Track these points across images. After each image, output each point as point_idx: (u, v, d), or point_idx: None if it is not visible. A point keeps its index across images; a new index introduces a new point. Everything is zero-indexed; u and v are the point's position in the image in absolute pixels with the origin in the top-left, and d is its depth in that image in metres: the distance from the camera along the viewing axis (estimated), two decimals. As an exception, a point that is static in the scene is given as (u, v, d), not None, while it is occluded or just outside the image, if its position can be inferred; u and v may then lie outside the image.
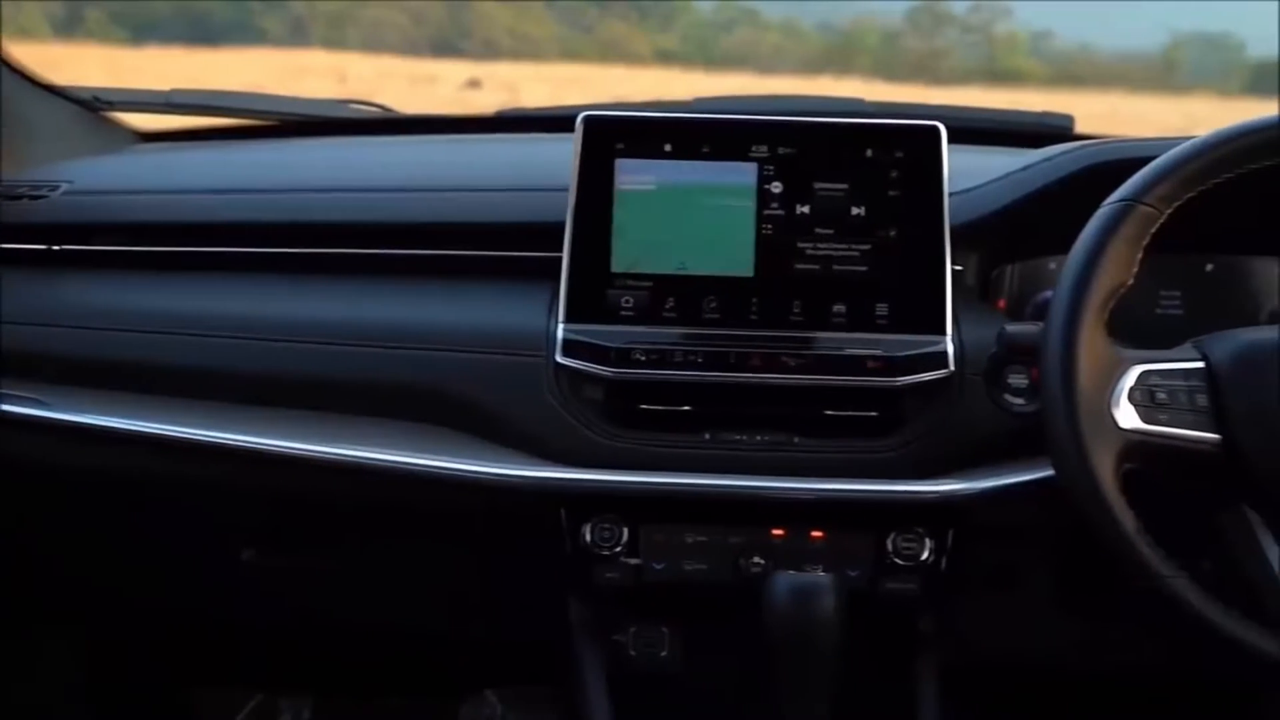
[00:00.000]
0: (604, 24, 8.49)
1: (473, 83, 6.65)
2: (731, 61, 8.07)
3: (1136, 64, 7.20)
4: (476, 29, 8.40)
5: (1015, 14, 7.92)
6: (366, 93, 1.93)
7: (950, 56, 7.84)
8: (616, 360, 1.21)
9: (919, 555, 1.24)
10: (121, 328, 1.31)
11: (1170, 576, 1.02)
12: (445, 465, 1.23)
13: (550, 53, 8.06)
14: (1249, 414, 1.04)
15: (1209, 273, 1.38)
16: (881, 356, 1.22)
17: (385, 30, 8.29)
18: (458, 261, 1.34)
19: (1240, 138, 1.07)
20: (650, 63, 8.01)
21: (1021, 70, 7.47)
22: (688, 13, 8.61)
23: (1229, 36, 7.15)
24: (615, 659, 1.31)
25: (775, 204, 1.25)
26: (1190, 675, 1.53)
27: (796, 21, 8.24)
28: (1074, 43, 7.73)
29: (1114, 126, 1.65)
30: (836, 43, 7.99)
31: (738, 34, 8.33)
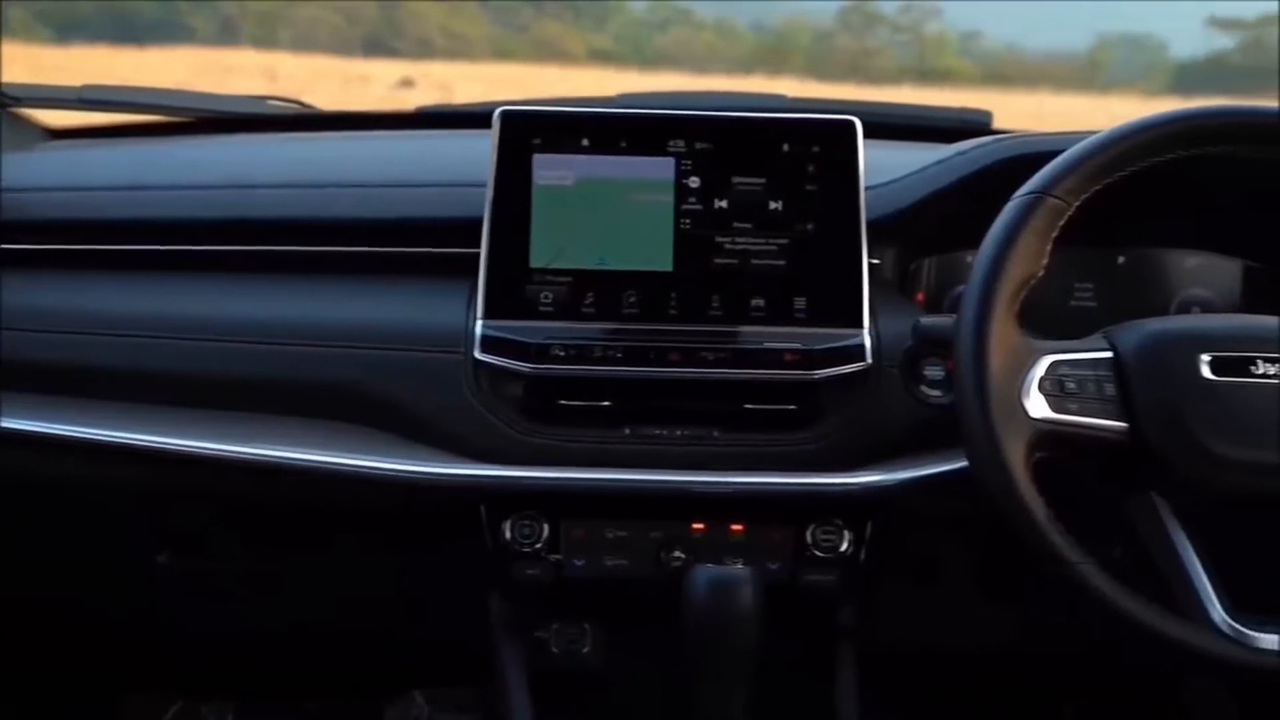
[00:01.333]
0: (538, 23, 8.47)
1: (406, 82, 6.59)
2: (666, 61, 8.09)
3: (1063, 64, 7.32)
4: (409, 28, 8.35)
5: (945, 14, 8.02)
6: (297, 92, 1.90)
7: (882, 56, 7.91)
8: (535, 356, 1.21)
9: (838, 547, 1.24)
10: (29, 327, 1.28)
11: (1079, 563, 1.03)
12: (363, 464, 1.22)
13: (484, 52, 8.02)
14: (1154, 402, 1.06)
15: (1121, 265, 1.40)
16: (799, 350, 1.22)
17: (317, 29, 8.21)
18: (376, 258, 1.33)
19: (1143, 132, 1.09)
20: (585, 62, 8.00)
21: (951, 69, 7.56)
22: (622, 12, 8.62)
23: (1152, 37, 7.29)
24: (537, 656, 1.30)
25: (693, 198, 1.25)
26: (1110, 662, 1.55)
27: (730, 21, 8.28)
28: (1002, 42, 7.84)
29: (1039, 125, 1.67)
30: (769, 42, 8.03)
31: (672, 33, 8.35)
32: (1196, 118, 1.09)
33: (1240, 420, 1.05)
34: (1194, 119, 1.09)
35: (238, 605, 1.47)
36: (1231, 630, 1.02)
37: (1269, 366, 1.06)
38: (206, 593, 1.44)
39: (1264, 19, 7.19)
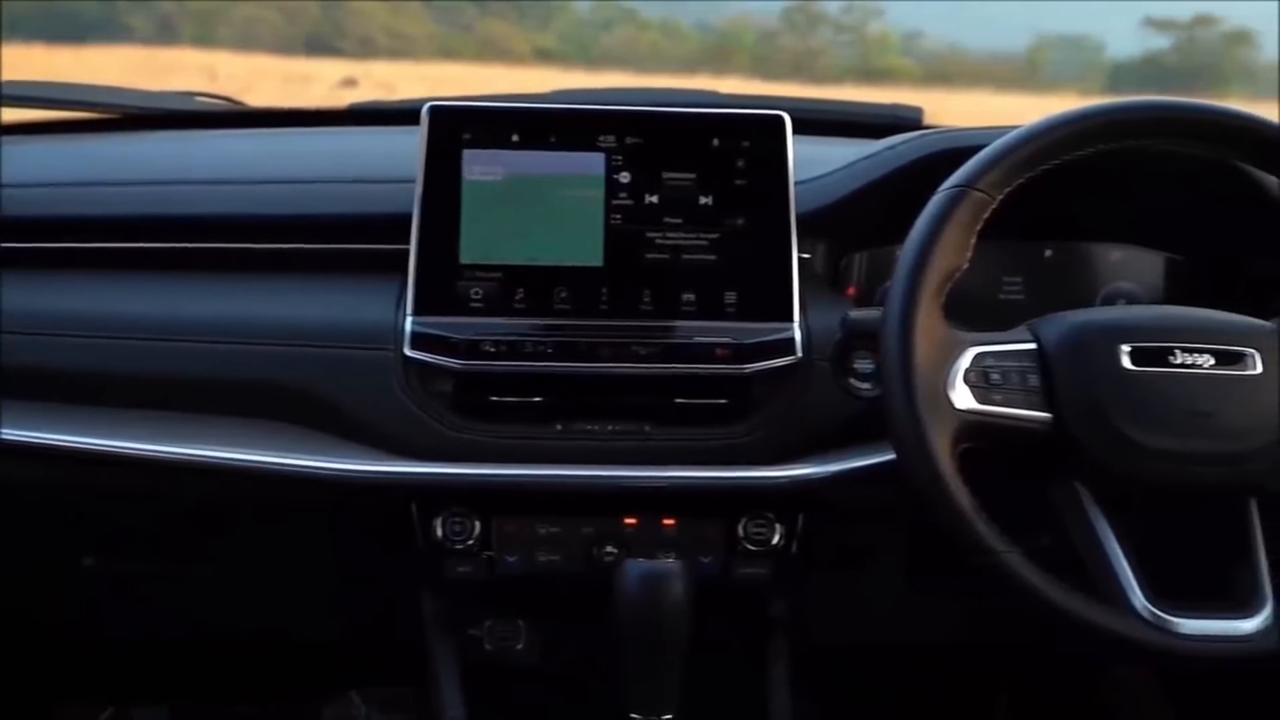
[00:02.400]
0: (482, 23, 8.44)
1: (348, 81, 6.54)
2: (610, 60, 8.09)
3: (1003, 63, 7.41)
4: (352, 27, 8.28)
5: (887, 14, 8.08)
6: (238, 91, 1.88)
7: (825, 56, 7.96)
8: (466, 352, 1.20)
9: (770, 540, 1.25)
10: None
11: (1003, 552, 1.04)
12: (292, 463, 1.21)
13: (428, 51, 7.97)
14: (1076, 392, 1.07)
15: (1048, 258, 1.42)
16: (730, 344, 1.23)
17: (257, 28, 8.12)
18: (306, 255, 1.32)
19: (1064, 126, 1.11)
20: (529, 61, 7.98)
21: (894, 69, 7.63)
22: (566, 12, 8.61)
23: (1089, 38, 7.40)
24: (471, 653, 1.30)
25: (624, 193, 1.25)
26: (1042, 652, 1.57)
27: (675, 21, 8.29)
28: (944, 42, 7.91)
29: (979, 124, 1.69)
30: (714, 42, 8.05)
31: (616, 33, 8.35)
32: (1115, 112, 1.11)
33: (1158, 409, 1.06)
34: (1112, 114, 1.11)
35: (168, 608, 1.45)
36: (1152, 616, 1.04)
37: (1186, 356, 1.08)
38: (136, 596, 1.42)
39: (1197, 19, 7.33)
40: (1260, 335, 1.10)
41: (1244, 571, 1.07)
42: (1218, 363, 1.08)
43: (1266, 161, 1.16)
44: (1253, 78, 7.21)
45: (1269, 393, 1.08)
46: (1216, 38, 7.49)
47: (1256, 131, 1.12)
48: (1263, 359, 1.08)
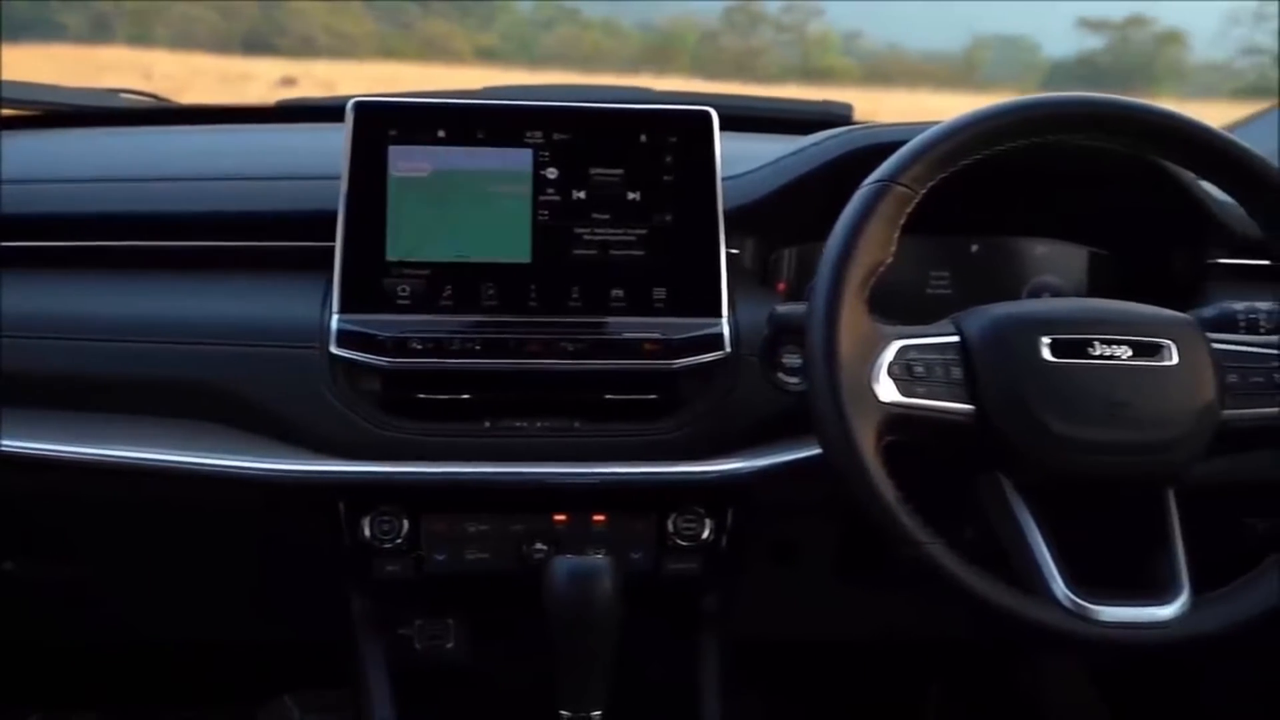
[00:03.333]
0: (424, 22, 8.38)
1: (287, 80, 6.47)
2: (552, 60, 8.08)
3: (941, 63, 7.48)
4: (291, 26, 8.20)
5: (827, 14, 8.12)
6: (174, 91, 1.86)
7: (766, 55, 8.00)
8: (393, 350, 1.19)
9: (699, 535, 1.25)
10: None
11: (927, 544, 1.04)
12: (218, 463, 1.19)
13: (369, 50, 7.91)
14: (997, 384, 1.08)
15: (974, 253, 1.44)
16: (659, 339, 1.23)
17: (195, 27, 8.01)
18: (230, 253, 1.30)
19: (984, 121, 1.11)
20: (471, 61, 7.94)
21: (834, 68, 7.67)
22: (508, 11, 8.57)
23: (1026, 38, 7.49)
24: (401, 653, 1.29)
25: (551, 189, 1.25)
26: (971, 643, 1.59)
27: (616, 21, 8.29)
28: (883, 42, 7.98)
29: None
30: (656, 42, 8.06)
31: (558, 32, 8.33)
32: (1031, 108, 1.12)
33: (1078, 400, 1.08)
34: (1028, 109, 1.12)
35: (93, 612, 1.43)
36: (1073, 605, 1.05)
37: (1105, 348, 1.09)
38: (59, 601, 1.40)
39: (1130, 20, 7.45)
40: (1176, 327, 1.12)
41: (1162, 559, 1.09)
42: (1135, 354, 1.09)
43: (1182, 157, 1.18)
44: (1183, 77, 7.35)
45: (1184, 383, 1.09)
46: (1148, 38, 7.62)
47: (1171, 127, 1.14)
48: (1179, 350, 1.10)
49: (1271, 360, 1.13)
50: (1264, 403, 1.12)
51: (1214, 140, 1.14)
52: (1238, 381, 1.11)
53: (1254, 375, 1.12)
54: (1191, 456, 1.10)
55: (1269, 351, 1.14)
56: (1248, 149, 1.14)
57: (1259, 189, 1.14)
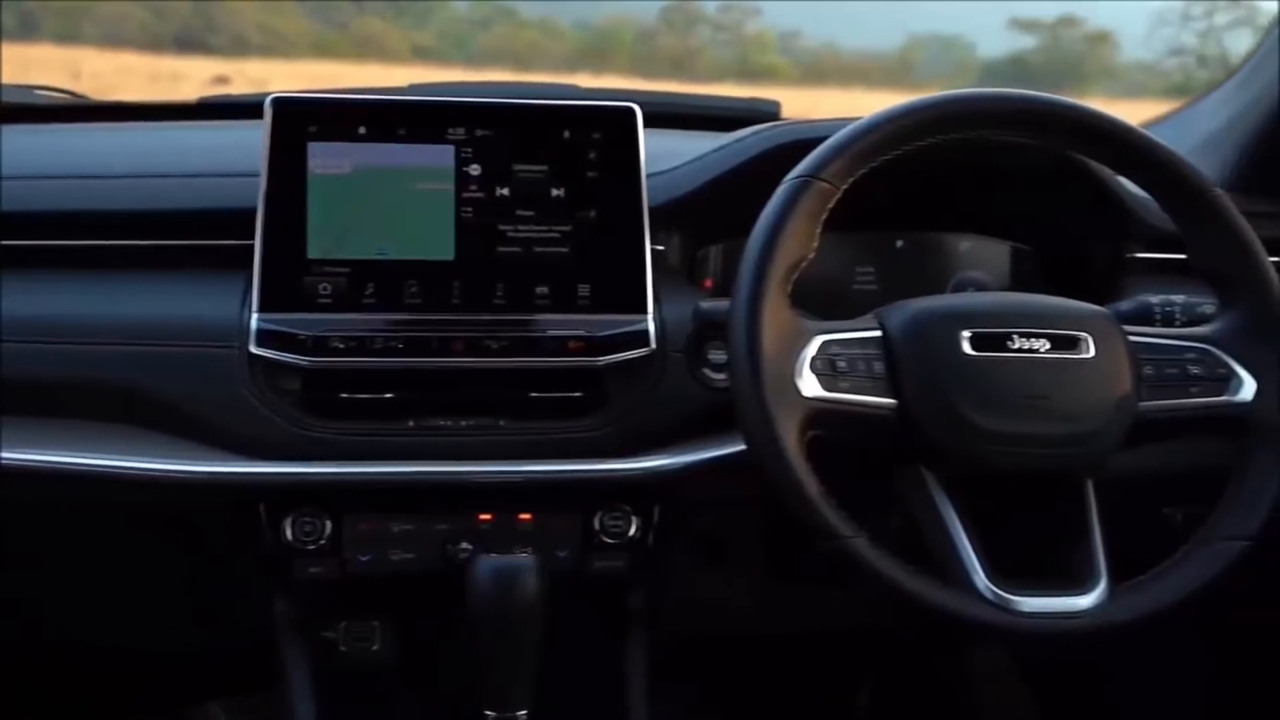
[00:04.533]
0: (359, 20, 8.29)
1: (220, 79, 6.37)
2: (489, 59, 8.03)
3: (877, 62, 7.54)
4: (223, 24, 8.08)
5: (764, 13, 8.16)
6: (102, 90, 1.82)
7: (704, 54, 8.01)
8: (314, 349, 1.18)
9: (626, 532, 1.25)
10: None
11: (850, 537, 1.05)
12: (134, 466, 1.17)
13: (303, 49, 7.82)
14: (919, 378, 1.09)
15: (900, 249, 1.45)
16: (584, 337, 1.22)
17: (124, 25, 7.88)
18: (147, 252, 1.28)
19: (905, 116, 1.12)
20: (407, 60, 7.88)
21: (772, 68, 7.70)
22: (444, 10, 8.51)
23: (961, 37, 7.57)
24: (324, 656, 1.27)
25: (474, 186, 1.24)
26: (901, 637, 1.60)
27: (553, 20, 8.25)
28: (820, 42, 8.02)
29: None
30: (593, 41, 8.04)
31: (495, 31, 8.28)
32: (953, 103, 1.13)
33: (997, 393, 1.08)
34: (950, 104, 1.13)
35: (10, 620, 1.39)
36: (994, 596, 1.05)
37: (1024, 341, 1.10)
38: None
39: (1061, 20, 7.56)
40: (1093, 320, 1.13)
41: (1081, 550, 1.10)
42: (1053, 347, 1.10)
43: (1100, 153, 1.20)
44: (1113, 76, 7.47)
45: (1101, 376, 1.11)
46: (1079, 38, 7.74)
47: (1089, 124, 1.15)
48: (1095, 343, 1.11)
49: (1186, 352, 1.14)
50: (1178, 394, 1.13)
51: (1131, 137, 1.16)
52: (1153, 373, 1.13)
53: (1168, 367, 1.13)
54: (1109, 448, 1.11)
55: (1183, 344, 1.15)
56: (1163, 146, 1.16)
57: (1173, 185, 1.16)
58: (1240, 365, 1.14)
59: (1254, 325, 1.15)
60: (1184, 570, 1.10)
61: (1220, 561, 1.09)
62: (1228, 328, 1.16)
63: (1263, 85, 1.50)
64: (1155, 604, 1.08)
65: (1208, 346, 1.15)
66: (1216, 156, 1.52)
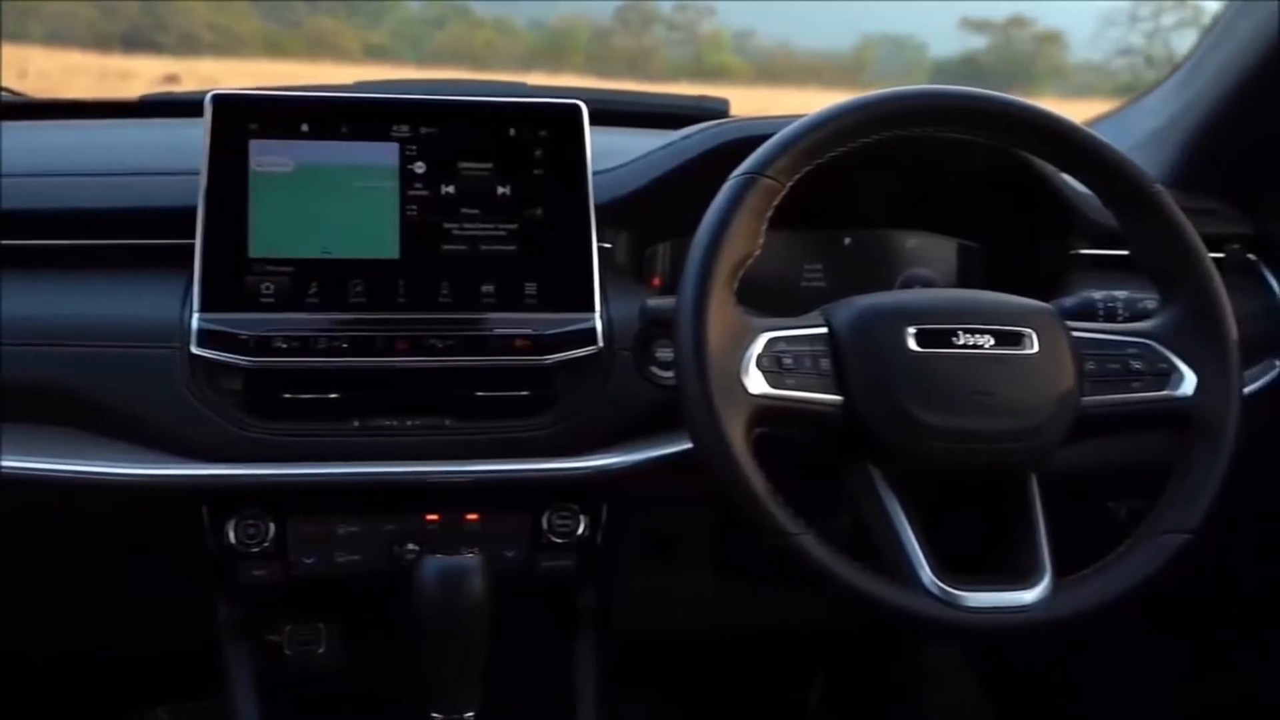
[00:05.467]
0: (311, 19, 8.23)
1: (170, 78, 6.30)
2: (444, 58, 8.00)
3: (830, 62, 7.59)
4: (173, 23, 7.99)
5: (719, 13, 8.18)
6: (50, 89, 1.79)
7: (659, 53, 8.02)
8: (255, 349, 1.17)
9: (574, 531, 1.24)
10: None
11: (797, 534, 1.05)
12: (74, 468, 1.16)
13: (254, 48, 7.75)
14: (865, 374, 1.09)
15: (847, 246, 1.45)
16: (530, 335, 1.22)
17: (72, 23, 7.77)
18: (87, 251, 1.26)
19: (850, 113, 1.12)
20: (360, 59, 7.83)
21: (726, 67, 7.73)
22: (398, 9, 8.46)
23: (912, 37, 7.63)
24: (269, 660, 1.26)
25: (419, 184, 1.23)
26: (852, 633, 1.60)
27: (509, 19, 8.24)
28: (774, 41, 8.05)
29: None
30: (548, 40, 8.03)
31: (450, 30, 8.25)
32: (897, 100, 1.13)
33: (942, 389, 1.09)
34: (894, 101, 1.13)
35: None
36: (940, 592, 1.05)
37: (968, 337, 1.11)
38: None
39: (1011, 20, 7.63)
40: (1037, 316, 1.14)
41: (1026, 545, 1.10)
42: (997, 343, 1.11)
43: (1044, 150, 1.20)
44: (1062, 76, 7.55)
45: (1045, 371, 1.11)
46: (1029, 38, 7.82)
47: (1032, 121, 1.16)
48: (1039, 339, 1.12)
49: (1127, 348, 1.15)
50: (1120, 389, 1.14)
51: (1073, 134, 1.17)
52: (1095, 369, 1.14)
53: (1110, 362, 1.14)
54: (1052, 443, 1.11)
55: (1125, 339, 1.16)
56: (1104, 143, 1.17)
57: (1115, 181, 1.17)
58: (1181, 360, 1.15)
59: (1194, 320, 1.16)
60: (1126, 564, 1.10)
61: (1162, 555, 1.10)
62: (1168, 323, 1.17)
63: (1202, 83, 1.51)
64: (1098, 598, 1.08)
65: (1149, 342, 1.16)
66: (1158, 153, 1.53)
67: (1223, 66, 1.48)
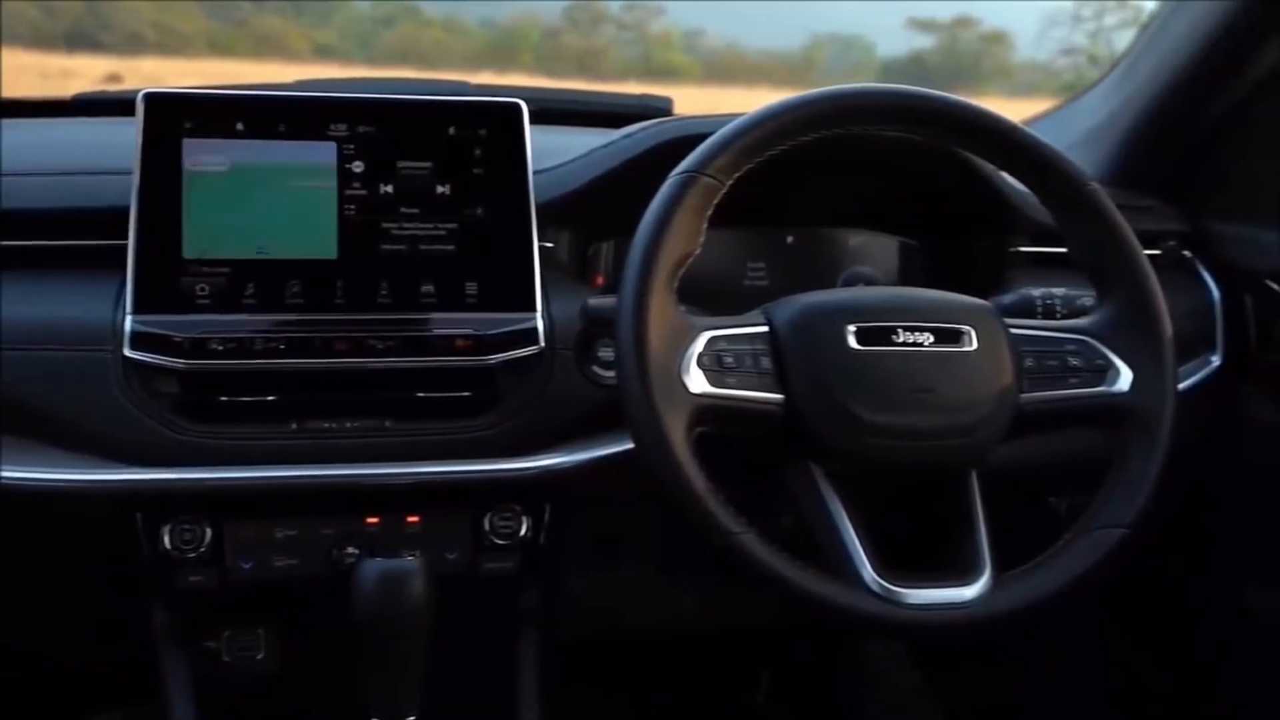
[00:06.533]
0: (258, 18, 8.14)
1: (113, 78, 6.21)
2: (393, 58, 7.94)
3: (779, 61, 7.61)
4: (117, 22, 7.88)
5: (669, 13, 8.18)
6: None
7: (608, 53, 8.01)
8: (190, 351, 1.15)
9: (517, 532, 1.24)
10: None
11: (738, 533, 1.04)
12: (5, 474, 1.13)
13: (200, 48, 7.66)
14: (805, 373, 1.09)
15: (790, 244, 1.45)
16: (472, 335, 1.21)
17: (13, 22, 7.64)
18: (18, 252, 1.23)
19: (789, 111, 1.12)
20: (309, 59, 7.76)
21: (676, 66, 7.73)
22: (346, 8, 8.39)
23: (861, 37, 7.67)
24: (207, 667, 1.24)
25: (357, 184, 1.22)
26: (797, 630, 1.60)
27: (458, 18, 8.19)
28: (724, 41, 8.07)
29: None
30: (498, 39, 7.99)
31: (399, 30, 8.19)
32: (836, 98, 1.13)
33: (882, 387, 1.09)
34: (834, 100, 1.13)
35: None
36: (881, 589, 1.06)
37: (908, 335, 1.11)
38: None
39: (957, 20, 7.70)
40: (976, 313, 1.14)
41: (966, 541, 1.11)
42: (937, 340, 1.11)
43: (982, 148, 1.21)
44: (1008, 75, 7.62)
45: (984, 368, 1.12)
46: (975, 38, 7.89)
47: (969, 120, 1.16)
48: (978, 336, 1.12)
49: (1065, 344, 1.16)
50: (1058, 385, 1.15)
51: (1010, 133, 1.17)
52: (1034, 365, 1.14)
53: (1048, 359, 1.15)
54: (992, 439, 1.12)
55: (1062, 336, 1.17)
56: (1041, 141, 1.17)
57: (1051, 179, 1.17)
58: (1117, 356, 1.16)
59: (1130, 317, 1.17)
60: (1064, 559, 1.11)
61: (1099, 550, 1.11)
62: (1105, 320, 1.18)
63: (1138, 82, 1.53)
64: (1037, 593, 1.09)
65: (1086, 338, 1.16)
66: (1096, 151, 1.55)
67: (1157, 65, 1.50)
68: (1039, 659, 1.72)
